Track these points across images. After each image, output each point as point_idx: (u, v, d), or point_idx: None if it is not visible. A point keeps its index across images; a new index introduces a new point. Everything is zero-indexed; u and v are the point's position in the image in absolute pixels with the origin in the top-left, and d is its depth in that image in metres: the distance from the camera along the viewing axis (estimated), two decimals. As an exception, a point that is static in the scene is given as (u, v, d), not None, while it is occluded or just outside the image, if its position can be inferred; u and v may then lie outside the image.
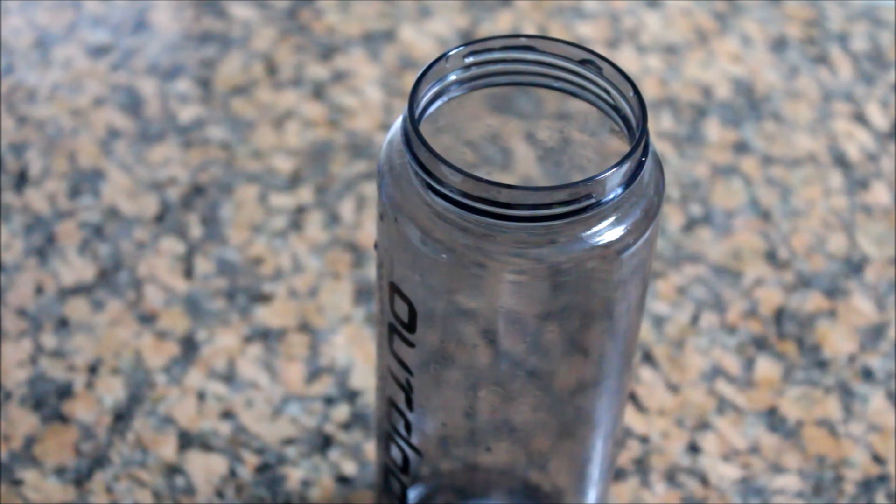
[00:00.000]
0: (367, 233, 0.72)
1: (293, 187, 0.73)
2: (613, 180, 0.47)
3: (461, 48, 0.50)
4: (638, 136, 0.48)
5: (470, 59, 0.50)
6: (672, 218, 0.73)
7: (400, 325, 0.52)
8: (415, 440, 0.56)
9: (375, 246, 0.53)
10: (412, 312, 0.51)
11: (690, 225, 0.73)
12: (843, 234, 0.73)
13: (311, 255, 0.71)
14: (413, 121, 0.48)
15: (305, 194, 0.73)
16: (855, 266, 0.71)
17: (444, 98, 0.50)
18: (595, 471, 0.58)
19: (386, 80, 0.78)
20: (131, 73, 0.78)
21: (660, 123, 0.76)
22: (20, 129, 0.75)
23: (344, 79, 0.78)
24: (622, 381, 0.55)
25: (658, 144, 0.76)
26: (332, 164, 0.74)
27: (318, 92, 0.77)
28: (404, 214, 0.49)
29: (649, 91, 0.78)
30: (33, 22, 0.80)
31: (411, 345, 0.52)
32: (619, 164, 0.47)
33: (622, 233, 0.48)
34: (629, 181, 0.48)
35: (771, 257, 0.72)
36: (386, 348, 0.54)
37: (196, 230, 0.72)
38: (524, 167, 0.55)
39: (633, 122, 0.49)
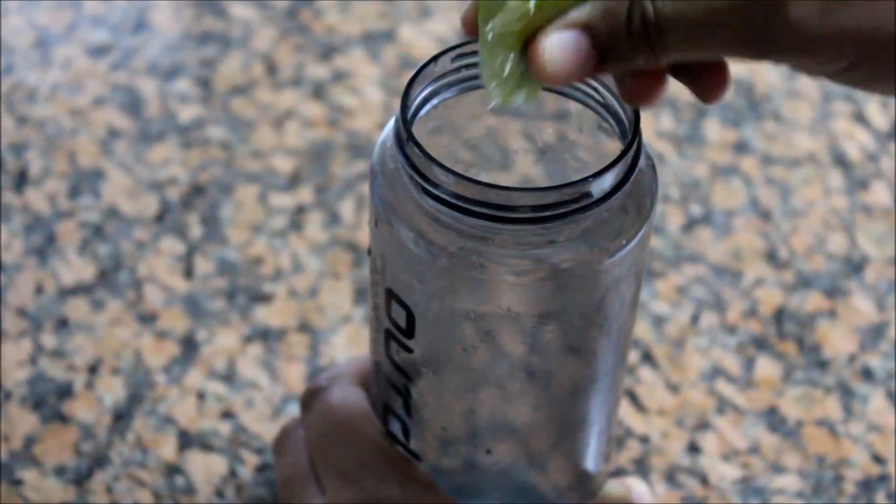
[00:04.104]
0: (368, 233, 0.72)
1: (293, 187, 0.73)
2: (607, 180, 0.47)
3: (450, 51, 0.50)
4: (631, 135, 0.48)
5: (459, 62, 0.50)
6: (672, 218, 0.73)
7: (397, 331, 0.52)
8: (413, 445, 0.56)
9: (369, 252, 0.53)
10: (410, 318, 0.51)
11: (690, 225, 0.73)
12: (843, 234, 0.72)
13: (311, 255, 0.71)
14: (405, 123, 0.48)
15: (305, 194, 0.73)
16: (855, 266, 0.71)
17: (436, 100, 0.50)
18: (591, 467, 0.58)
19: (386, 80, 0.78)
20: (131, 73, 0.78)
21: (660, 123, 0.76)
22: (20, 129, 0.75)
23: (344, 79, 0.78)
24: (616, 378, 0.55)
25: (658, 144, 0.76)
26: (332, 164, 0.74)
27: (318, 92, 0.77)
28: (398, 217, 0.49)
29: (649, 91, 0.78)
30: (33, 22, 0.80)
31: (409, 350, 0.52)
32: (613, 164, 0.47)
33: (617, 232, 0.48)
34: (623, 181, 0.48)
35: (771, 257, 0.71)
36: (383, 355, 0.54)
37: (196, 230, 0.72)
38: (522, 168, 0.55)
39: (626, 121, 0.49)
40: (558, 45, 0.44)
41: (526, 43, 0.46)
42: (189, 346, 0.68)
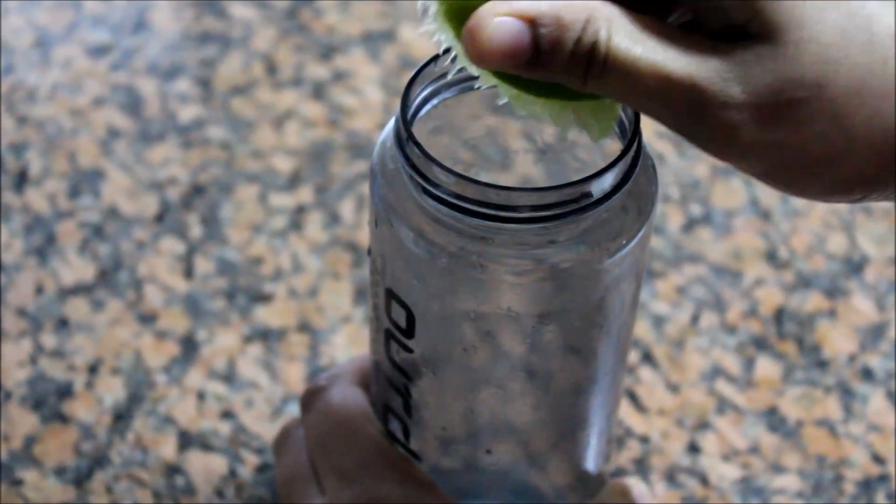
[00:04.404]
0: (367, 233, 0.72)
1: (293, 187, 0.73)
2: (607, 180, 0.47)
3: (450, 51, 0.50)
4: (631, 135, 0.48)
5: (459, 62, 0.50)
6: (672, 218, 0.73)
7: (398, 331, 0.52)
8: (413, 445, 0.56)
9: (369, 252, 0.53)
10: (410, 318, 0.51)
11: (690, 225, 0.73)
12: (843, 234, 0.72)
13: (311, 255, 0.71)
14: (405, 123, 0.48)
15: (305, 194, 0.73)
16: (855, 266, 0.71)
17: (436, 100, 0.50)
18: (591, 467, 0.58)
19: (386, 80, 0.78)
20: (131, 73, 0.78)
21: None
22: (20, 129, 0.75)
23: (344, 79, 0.78)
24: (616, 378, 0.55)
25: (658, 144, 0.76)
26: (332, 164, 0.74)
27: (318, 92, 0.77)
28: (398, 217, 0.49)
29: (649, 91, 0.78)
30: (33, 22, 0.80)
31: (409, 350, 0.52)
32: (613, 164, 0.47)
33: (617, 232, 0.48)
34: (623, 181, 0.48)
35: (771, 257, 0.72)
36: (383, 355, 0.54)
37: (196, 230, 0.72)
38: (522, 168, 0.55)
39: (626, 121, 0.49)
40: (500, 29, 0.42)
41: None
42: (189, 346, 0.68)
